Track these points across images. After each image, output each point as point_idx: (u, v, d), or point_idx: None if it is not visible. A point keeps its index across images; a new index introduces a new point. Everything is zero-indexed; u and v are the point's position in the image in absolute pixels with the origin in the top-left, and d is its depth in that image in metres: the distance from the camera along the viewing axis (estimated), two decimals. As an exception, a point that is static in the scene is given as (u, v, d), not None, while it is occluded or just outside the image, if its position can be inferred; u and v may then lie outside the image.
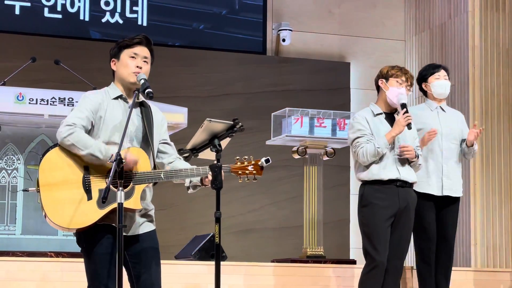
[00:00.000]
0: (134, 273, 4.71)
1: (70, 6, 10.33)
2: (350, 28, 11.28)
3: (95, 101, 4.70)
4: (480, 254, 9.94)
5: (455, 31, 10.44)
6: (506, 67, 10.17)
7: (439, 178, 6.64)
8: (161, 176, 4.63)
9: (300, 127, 7.85)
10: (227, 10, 11.01)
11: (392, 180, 6.00)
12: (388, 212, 5.97)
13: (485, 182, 9.98)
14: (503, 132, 10.05)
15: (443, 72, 6.87)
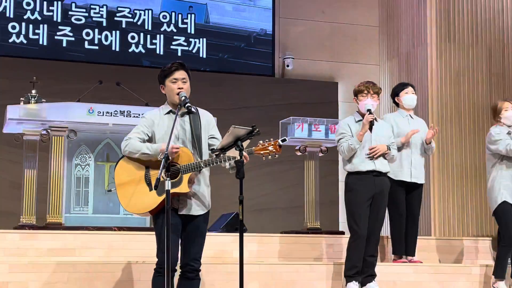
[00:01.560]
0: (184, 243, 4.74)
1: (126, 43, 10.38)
2: (337, 56, 11.26)
3: (149, 119, 4.85)
4: (438, 226, 9.91)
5: (418, 57, 10.40)
6: (456, 85, 10.13)
7: (408, 169, 6.63)
8: (201, 165, 4.66)
9: (301, 131, 7.85)
10: (245, 44, 10.97)
11: (370, 171, 5.97)
12: (367, 196, 5.93)
13: (441, 172, 9.93)
14: (454, 134, 10.01)
15: (411, 89, 6.88)
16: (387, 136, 6.13)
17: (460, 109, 10.10)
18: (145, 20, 10.54)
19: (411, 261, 6.62)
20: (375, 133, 6.03)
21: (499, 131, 6.38)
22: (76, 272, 5.56)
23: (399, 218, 6.64)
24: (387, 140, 6.09)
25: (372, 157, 5.95)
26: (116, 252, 6.24)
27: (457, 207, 9.94)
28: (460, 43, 10.24)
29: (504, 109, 6.45)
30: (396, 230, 6.67)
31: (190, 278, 4.73)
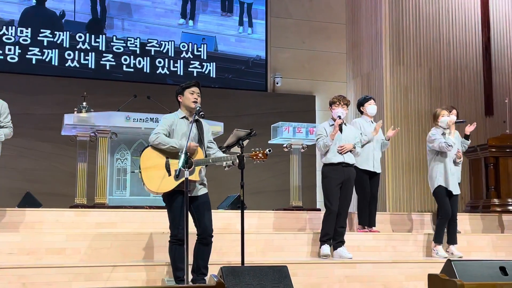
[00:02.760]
0: (197, 217, 4.71)
1: (154, 66, 10.35)
2: (315, 76, 11.24)
3: (169, 120, 4.75)
4: (392, 204, 9.91)
5: (376, 77, 10.39)
6: (405, 97, 10.13)
7: (372, 161, 6.61)
8: (209, 161, 4.63)
9: (288, 133, 7.82)
10: (244, 66, 10.93)
11: (340, 163, 5.94)
12: (337, 181, 5.90)
13: (394, 163, 9.93)
14: (403, 135, 10.01)
15: (372, 101, 6.86)
16: (354, 136, 6.11)
17: (407, 116, 10.10)
18: (169, 49, 10.51)
19: (371, 231, 6.60)
20: (344, 134, 6.01)
21: (435, 132, 6.36)
22: (117, 240, 5.54)
23: (365, 197, 6.61)
24: (354, 139, 6.08)
25: (341, 152, 5.93)
26: (147, 225, 6.23)
27: (405, 189, 9.94)
28: (407, 65, 10.22)
29: (441, 115, 6.43)
30: (362, 207, 6.65)
31: (205, 243, 4.71)
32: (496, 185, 8.23)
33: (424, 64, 10.29)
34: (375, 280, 5.55)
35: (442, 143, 6.19)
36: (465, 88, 10.52)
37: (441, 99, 10.10)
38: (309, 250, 6.05)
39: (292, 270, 5.29)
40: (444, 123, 6.33)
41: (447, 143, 6.15)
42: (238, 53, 10.91)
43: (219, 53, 10.81)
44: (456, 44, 10.53)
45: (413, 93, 10.21)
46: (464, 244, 6.51)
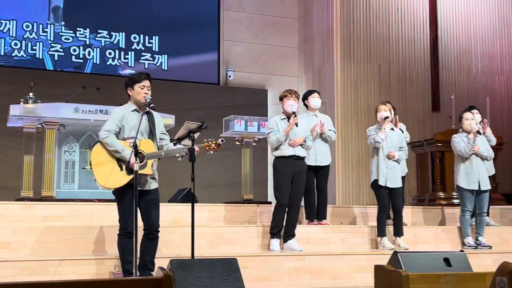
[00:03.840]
0: (145, 212, 4.65)
1: (104, 58, 10.16)
2: (267, 70, 11.26)
3: (119, 114, 4.66)
4: (341, 197, 10.04)
5: (327, 71, 10.49)
6: (355, 92, 10.27)
7: (314, 155, 6.61)
8: (162, 154, 4.57)
9: (239, 126, 7.81)
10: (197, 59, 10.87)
11: (291, 156, 5.96)
12: (289, 174, 5.91)
13: (343, 157, 10.06)
14: (353, 129, 10.16)
15: (316, 94, 6.82)
16: (305, 130, 6.12)
17: (358, 111, 10.24)
18: (119, 40, 10.34)
19: (321, 223, 6.65)
20: (296, 129, 6.03)
21: (371, 128, 6.46)
22: (65, 234, 5.42)
23: (309, 192, 6.62)
24: (304, 134, 6.09)
25: (292, 146, 5.95)
26: (96, 219, 6.12)
27: (354, 183, 10.09)
28: (357, 61, 10.36)
29: (378, 110, 6.51)
30: (308, 201, 6.67)
31: (152, 238, 4.66)
32: (441, 179, 8.45)
33: (374, 60, 10.45)
34: (324, 272, 5.61)
35: (371, 139, 6.31)
36: (413, 84, 10.75)
37: (390, 95, 10.29)
38: (259, 243, 6.06)
39: (242, 263, 5.31)
40: (380, 117, 6.42)
41: (375, 139, 6.27)
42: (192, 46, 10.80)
43: (172, 45, 10.70)
44: (405, 41, 10.74)
45: (363, 89, 10.36)
46: (410, 236, 6.65)
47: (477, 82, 11.12)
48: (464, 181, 6.61)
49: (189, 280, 3.57)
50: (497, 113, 11.03)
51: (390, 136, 6.41)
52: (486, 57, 11.30)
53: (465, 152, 6.59)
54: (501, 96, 11.29)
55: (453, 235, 6.87)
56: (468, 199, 6.58)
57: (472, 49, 11.20)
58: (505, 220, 7.85)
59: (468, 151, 6.58)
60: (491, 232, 6.95)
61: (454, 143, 6.76)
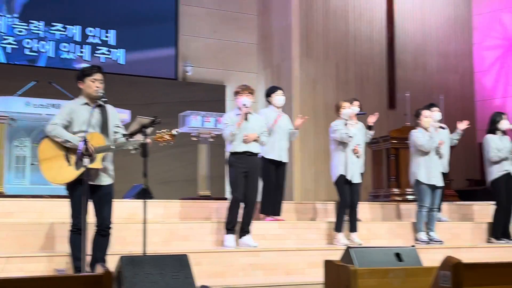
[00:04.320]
0: (97, 208, 4.57)
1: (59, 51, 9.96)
2: (226, 66, 11.23)
3: (68, 108, 4.59)
4: (299, 193, 10.11)
5: (285, 68, 10.53)
6: (313, 89, 10.34)
7: (278, 151, 6.64)
8: (111, 147, 4.51)
9: (196, 122, 7.78)
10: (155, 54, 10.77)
11: (244, 152, 5.92)
12: (242, 170, 5.87)
13: (301, 153, 10.14)
14: (311, 126, 10.22)
15: (280, 91, 6.81)
16: (260, 126, 6.09)
17: (315, 108, 10.32)
18: (75, 34, 10.15)
19: (277, 219, 6.67)
20: (251, 123, 6.00)
21: (338, 123, 6.50)
22: (14, 231, 5.30)
23: (269, 186, 6.64)
24: (259, 129, 6.06)
25: (246, 141, 5.93)
26: (47, 215, 5.99)
27: (312, 179, 10.17)
28: (316, 58, 10.43)
29: (342, 107, 6.57)
30: (266, 195, 6.69)
31: (103, 235, 4.59)
32: (396, 176, 8.57)
33: (332, 58, 10.54)
34: (278, 267, 5.63)
35: (343, 134, 6.34)
36: (370, 82, 10.88)
37: (347, 92, 10.39)
38: (214, 239, 6.04)
39: (196, 259, 5.28)
40: (346, 115, 6.49)
41: (347, 134, 6.31)
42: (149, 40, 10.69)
43: (129, 39, 10.56)
44: (362, 39, 10.86)
45: (321, 86, 10.44)
46: (365, 232, 6.72)
47: (432, 81, 11.33)
48: (425, 176, 6.72)
49: (139, 277, 3.53)
50: (451, 111, 11.25)
51: (355, 132, 6.47)
52: (441, 56, 11.52)
53: (428, 146, 6.69)
54: (455, 95, 11.53)
55: (407, 231, 6.98)
56: (427, 195, 6.70)
57: (427, 48, 11.40)
58: (457, 216, 8.02)
59: (430, 146, 6.68)
60: (442, 228, 7.09)
61: (414, 138, 6.82)
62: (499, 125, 7.17)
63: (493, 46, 11.96)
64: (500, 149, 7.05)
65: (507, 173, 7.04)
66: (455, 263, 2.45)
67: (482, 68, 12.01)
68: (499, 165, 7.05)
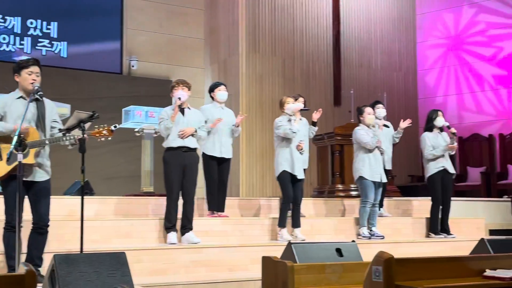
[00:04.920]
0: (33, 204, 4.45)
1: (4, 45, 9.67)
2: (172, 61, 11.13)
3: (2, 101, 4.45)
4: (245, 189, 10.11)
5: (232, 64, 10.51)
6: (259, 85, 10.36)
7: (219, 147, 6.61)
8: (46, 142, 4.39)
9: (140, 117, 7.68)
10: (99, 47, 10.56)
11: (180, 147, 5.84)
12: (178, 167, 5.79)
13: (248, 149, 10.14)
14: (257, 122, 10.25)
15: (223, 87, 6.81)
16: (197, 121, 6.04)
17: (262, 104, 10.35)
18: (14, 25, 9.84)
19: (220, 216, 6.65)
20: (187, 118, 5.95)
21: (282, 119, 6.53)
22: None
23: (212, 183, 6.61)
24: (197, 124, 6.01)
25: (182, 136, 5.87)
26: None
27: (259, 175, 10.20)
28: (262, 54, 10.45)
29: (286, 102, 6.60)
30: (210, 192, 6.65)
31: (40, 233, 4.47)
32: (341, 172, 8.69)
33: (278, 54, 10.58)
34: (221, 264, 5.62)
35: (287, 130, 6.37)
36: (316, 78, 10.99)
37: (293, 89, 10.45)
38: (156, 236, 5.97)
39: (137, 257, 5.21)
40: (290, 110, 6.52)
41: (291, 129, 6.34)
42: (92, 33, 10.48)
43: (71, 32, 10.32)
44: (309, 36, 10.94)
45: (268, 82, 10.47)
46: (308, 227, 6.78)
47: (376, 78, 11.53)
48: (369, 172, 6.82)
49: (73, 275, 3.45)
50: (395, 108, 11.48)
51: (298, 128, 6.50)
52: (385, 54, 11.74)
53: (371, 144, 6.79)
54: (398, 92, 11.78)
55: (350, 226, 7.08)
56: (371, 191, 6.80)
57: (372, 46, 11.59)
58: (398, 211, 8.19)
59: (374, 144, 6.79)
60: (384, 223, 7.22)
61: (358, 135, 6.92)
62: (435, 122, 7.35)
63: (435, 45, 12.28)
64: (435, 147, 7.23)
65: (443, 169, 7.23)
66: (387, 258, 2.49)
67: (424, 66, 12.31)
68: (435, 162, 7.24)
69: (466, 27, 11.89)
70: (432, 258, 2.73)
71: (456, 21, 12.03)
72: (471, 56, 11.80)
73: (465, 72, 11.86)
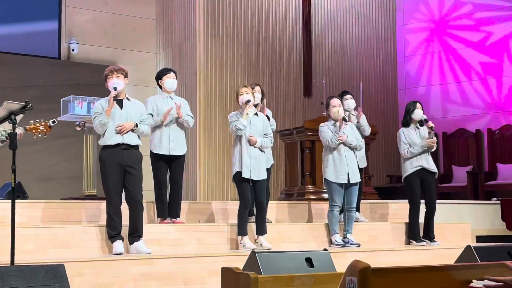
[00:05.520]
0: None
1: None
2: (119, 44, 11.03)
3: None
4: (203, 192, 10.09)
5: (188, 49, 10.47)
6: (220, 73, 10.35)
7: (167, 143, 6.55)
8: None
9: (81, 109, 7.59)
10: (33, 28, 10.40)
11: (118, 144, 5.75)
12: (116, 167, 5.71)
13: (206, 145, 10.12)
14: (217, 114, 10.24)
15: (173, 74, 6.72)
16: (138, 114, 5.94)
17: (223, 94, 10.33)
18: None
19: (175, 222, 6.61)
20: (126, 111, 5.86)
21: (232, 114, 6.52)
22: None
23: (160, 186, 6.55)
24: (138, 117, 5.92)
25: (121, 132, 5.79)
26: None
27: (220, 176, 10.18)
28: (223, 38, 10.44)
29: (240, 93, 6.57)
30: (158, 196, 6.60)
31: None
32: (311, 171, 8.74)
33: (241, 38, 10.58)
34: (175, 276, 5.59)
35: (232, 126, 6.37)
36: (285, 65, 11.02)
37: (259, 77, 10.47)
38: (100, 245, 5.90)
39: (78, 269, 5.15)
40: (242, 101, 6.46)
41: (236, 125, 6.34)
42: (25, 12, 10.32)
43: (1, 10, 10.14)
44: (276, 18, 10.97)
45: (229, 69, 10.46)
46: (275, 234, 6.80)
47: (351, 66, 11.64)
48: (333, 173, 6.85)
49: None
50: (372, 99, 11.61)
51: (253, 123, 6.48)
52: (362, 39, 11.85)
53: (331, 142, 6.83)
54: (376, 81, 11.91)
55: (321, 233, 7.12)
56: (337, 194, 6.83)
57: (347, 29, 11.69)
58: (375, 216, 8.29)
59: (335, 141, 6.82)
60: (360, 229, 7.30)
61: (321, 133, 6.99)
62: (412, 115, 7.40)
63: (417, 29, 12.46)
64: (413, 144, 7.30)
65: (421, 169, 7.29)
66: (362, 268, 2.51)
67: (405, 53, 12.48)
68: (412, 161, 7.30)
69: (451, 9, 12.10)
70: (413, 268, 2.75)
71: (440, 3, 12.22)
72: (456, 42, 12.01)
73: (450, 60, 12.06)
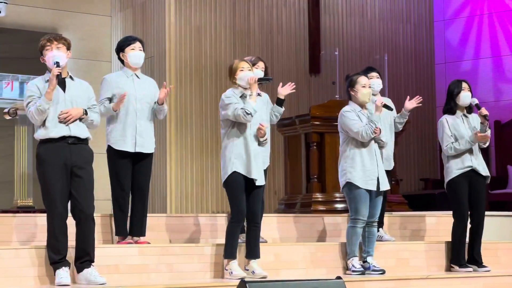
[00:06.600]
0: None
1: None
2: (62, 4, 11.03)
3: None
4: (175, 203, 10.11)
5: (154, 10, 10.48)
6: (197, 41, 10.37)
7: (132, 137, 6.58)
8: None
9: (11, 91, 7.61)
10: None
11: (64, 137, 5.76)
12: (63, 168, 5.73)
13: (180, 142, 10.15)
14: (194, 98, 10.27)
15: (138, 44, 6.76)
16: (86, 97, 5.97)
17: (201, 69, 10.35)
18: None
19: (138, 242, 6.63)
20: (70, 94, 5.86)
21: (230, 94, 6.53)
22: None
23: (120, 194, 6.56)
24: (86, 101, 5.94)
25: (65, 121, 5.80)
26: None
27: (196, 181, 10.21)
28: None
29: (240, 68, 6.58)
30: (120, 207, 6.62)
31: None
32: (320, 174, 8.74)
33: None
34: (139, 316, 5.65)
35: (238, 110, 6.39)
36: (283, 31, 11.03)
37: (248, 47, 10.50)
38: (38, 273, 5.93)
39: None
40: (244, 80, 6.52)
41: (245, 109, 6.36)
42: None
43: None
44: (272, -32, 10.98)
45: (210, 37, 10.48)
46: (271, 258, 6.83)
47: (373, 33, 11.64)
48: (361, 176, 6.85)
49: None
50: (401, 77, 11.62)
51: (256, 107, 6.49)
52: (387, -4, 11.86)
53: (366, 134, 6.80)
54: (406, 54, 11.90)
55: (333, 256, 7.16)
56: (364, 203, 6.85)
57: (367, -16, 11.70)
58: (405, 232, 8.32)
59: (370, 133, 6.79)
60: (384, 250, 7.34)
61: (346, 120, 6.92)
62: (458, 100, 7.44)
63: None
64: (459, 137, 7.33)
65: (471, 170, 7.32)
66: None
67: (445, 16, 12.47)
68: (459, 160, 7.32)
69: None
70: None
71: None
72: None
73: (505, 24, 12.06)
